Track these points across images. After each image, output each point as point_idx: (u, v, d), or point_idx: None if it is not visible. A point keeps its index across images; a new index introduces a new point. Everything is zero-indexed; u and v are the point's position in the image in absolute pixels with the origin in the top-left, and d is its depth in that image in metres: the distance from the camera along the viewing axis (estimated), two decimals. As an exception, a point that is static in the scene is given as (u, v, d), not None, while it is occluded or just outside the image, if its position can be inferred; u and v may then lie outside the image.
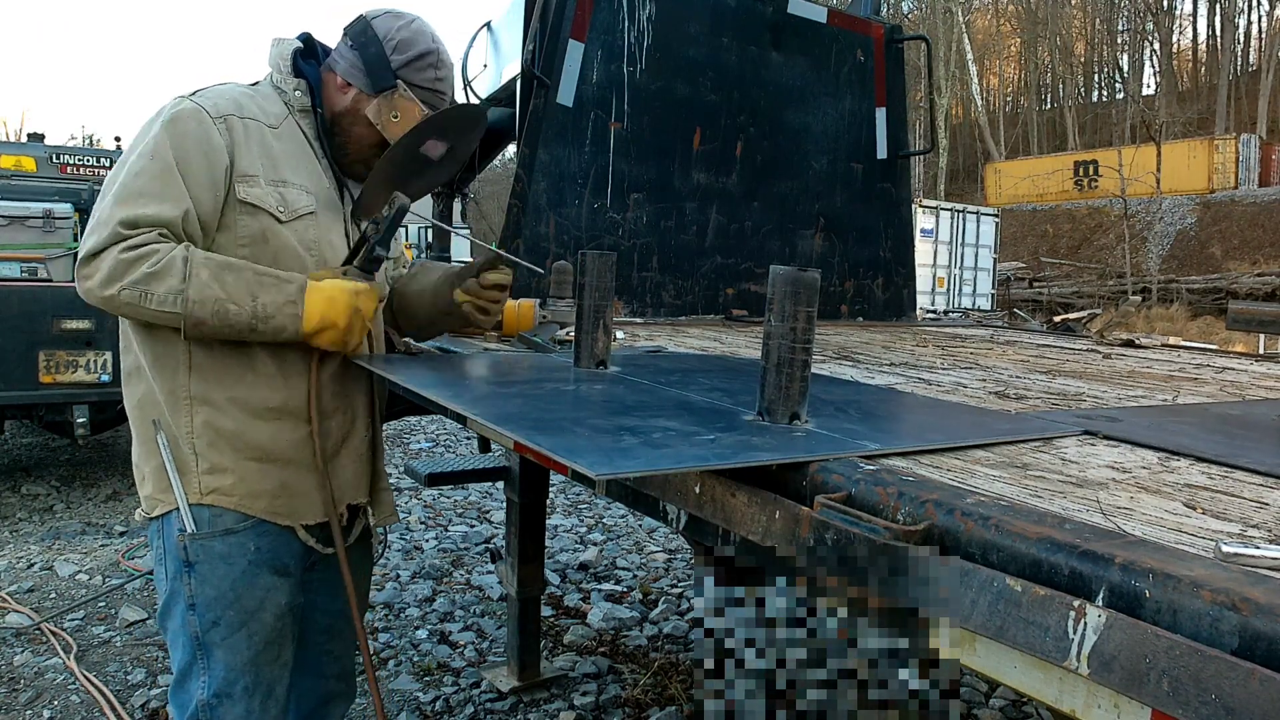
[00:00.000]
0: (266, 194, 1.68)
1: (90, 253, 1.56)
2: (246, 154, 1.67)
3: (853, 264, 4.36)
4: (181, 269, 1.55)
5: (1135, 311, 20.11)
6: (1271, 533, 0.94)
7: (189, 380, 1.67)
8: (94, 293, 1.56)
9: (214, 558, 1.68)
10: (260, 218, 1.68)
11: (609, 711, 3.20)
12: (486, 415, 1.39)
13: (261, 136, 1.71)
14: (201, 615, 1.68)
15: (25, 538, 4.95)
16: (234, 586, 1.69)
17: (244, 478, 1.70)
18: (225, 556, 1.69)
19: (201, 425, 1.67)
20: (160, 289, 1.54)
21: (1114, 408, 1.84)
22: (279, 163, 1.72)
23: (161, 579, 1.73)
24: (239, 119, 1.68)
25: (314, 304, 1.64)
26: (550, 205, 3.43)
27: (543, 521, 3.34)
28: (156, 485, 1.70)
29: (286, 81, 1.80)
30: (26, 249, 6.27)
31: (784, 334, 1.29)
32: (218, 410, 1.68)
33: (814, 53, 4.14)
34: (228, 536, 1.69)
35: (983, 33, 44.95)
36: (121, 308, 1.57)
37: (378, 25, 1.80)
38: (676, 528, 1.36)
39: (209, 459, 1.68)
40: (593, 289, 1.84)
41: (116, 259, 1.54)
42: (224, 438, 1.68)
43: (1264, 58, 36.25)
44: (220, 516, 1.68)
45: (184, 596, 1.68)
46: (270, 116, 1.75)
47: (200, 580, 1.67)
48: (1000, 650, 0.84)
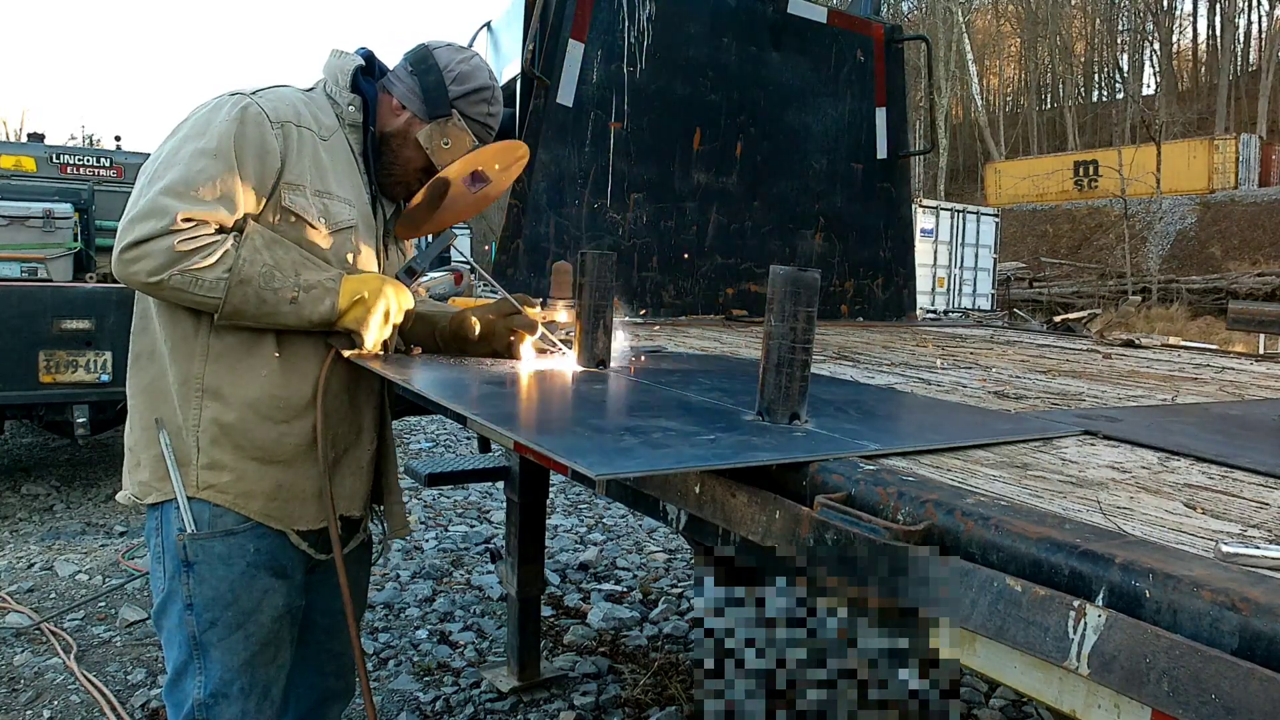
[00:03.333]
0: (310, 204, 1.70)
1: (142, 238, 1.55)
2: (298, 162, 1.69)
3: (853, 264, 4.36)
4: (234, 253, 1.58)
5: (1135, 311, 20.11)
6: (1271, 533, 0.94)
7: (204, 370, 1.68)
8: (138, 278, 1.57)
9: (213, 558, 1.68)
10: (301, 227, 1.70)
11: (609, 711, 3.20)
12: (486, 415, 1.39)
13: (314, 146, 1.73)
14: (199, 615, 1.68)
15: (25, 538, 4.95)
16: (232, 588, 1.69)
17: (241, 476, 1.69)
18: (224, 558, 1.69)
19: (208, 420, 1.68)
20: (210, 275, 1.57)
21: (1114, 408, 1.84)
22: (326, 174, 1.74)
23: (159, 575, 1.73)
24: (295, 126, 1.70)
25: (349, 284, 1.70)
26: (550, 205, 3.43)
27: (543, 521, 3.34)
28: (154, 473, 1.70)
29: (342, 95, 1.82)
30: (26, 249, 6.27)
31: (784, 334, 1.29)
32: (226, 405, 1.68)
33: (814, 53, 4.14)
34: (228, 538, 1.69)
35: (983, 33, 44.95)
36: (166, 292, 1.59)
37: (439, 55, 1.85)
38: (676, 528, 1.36)
39: (210, 454, 1.68)
40: (593, 289, 1.84)
41: (173, 250, 1.54)
42: (227, 434, 1.68)
43: (1264, 58, 36.25)
44: (221, 517, 1.68)
45: (182, 596, 1.68)
46: (323, 127, 1.77)
47: (199, 580, 1.68)
48: (1000, 650, 0.84)
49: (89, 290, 5.41)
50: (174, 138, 1.66)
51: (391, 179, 1.89)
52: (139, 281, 1.57)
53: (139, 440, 1.74)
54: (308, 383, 1.74)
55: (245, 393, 1.69)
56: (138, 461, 1.73)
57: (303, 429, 1.74)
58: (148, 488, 1.71)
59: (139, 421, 1.74)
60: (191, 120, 1.67)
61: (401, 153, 1.86)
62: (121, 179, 7.39)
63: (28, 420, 6.38)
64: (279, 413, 1.72)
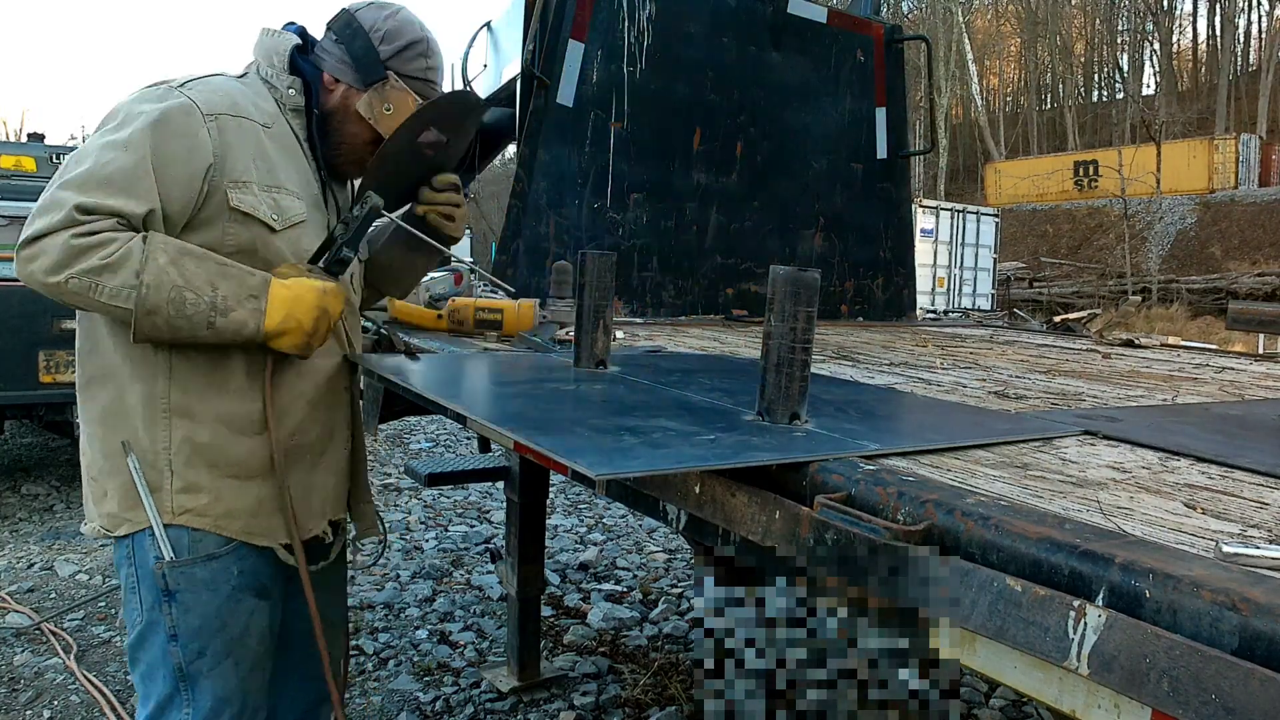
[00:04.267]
0: (260, 201, 1.59)
1: (37, 234, 1.43)
2: (240, 157, 1.57)
3: (853, 264, 4.36)
4: (139, 258, 1.44)
5: (1135, 311, 20.11)
6: (1271, 533, 0.94)
7: (169, 389, 1.57)
8: (35, 277, 1.44)
9: (197, 585, 1.59)
10: (251, 226, 1.58)
11: (609, 711, 3.20)
12: (486, 415, 1.39)
13: (256, 137, 1.61)
14: (185, 645, 1.59)
15: (25, 538, 4.95)
16: (219, 614, 1.61)
17: (220, 496, 1.60)
18: (209, 583, 1.60)
19: (180, 440, 1.57)
20: (113, 281, 1.43)
21: (1114, 408, 1.84)
22: (274, 167, 1.63)
23: (134, 607, 1.61)
24: (232, 118, 1.57)
25: (278, 301, 1.54)
26: (550, 205, 3.43)
27: (543, 521, 3.34)
28: (123, 503, 1.58)
29: (280, 78, 1.70)
30: (26, 249, 6.25)
31: (784, 334, 1.29)
32: (197, 424, 1.58)
33: (814, 53, 4.14)
34: (210, 562, 1.60)
35: (983, 33, 44.95)
36: (67, 296, 1.45)
37: (362, 17, 1.73)
38: (676, 528, 1.36)
39: (185, 477, 1.57)
40: (593, 289, 1.84)
41: (68, 244, 1.42)
42: (201, 454, 1.58)
43: (1264, 58, 36.25)
44: (201, 541, 1.59)
45: (164, 627, 1.58)
46: (264, 115, 1.65)
47: (183, 609, 1.58)
48: (1000, 650, 0.84)
49: (89, 290, 5.39)
50: (96, 137, 1.53)
51: (341, 158, 1.77)
52: (37, 281, 1.45)
53: (102, 469, 1.60)
54: (279, 390, 1.65)
55: (216, 408, 1.59)
56: (103, 492, 1.60)
57: (279, 439, 1.65)
58: (117, 519, 1.59)
59: (100, 449, 1.60)
60: (115, 112, 1.54)
61: (345, 129, 1.74)
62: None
63: (28, 420, 6.38)
64: (253, 425, 1.62)
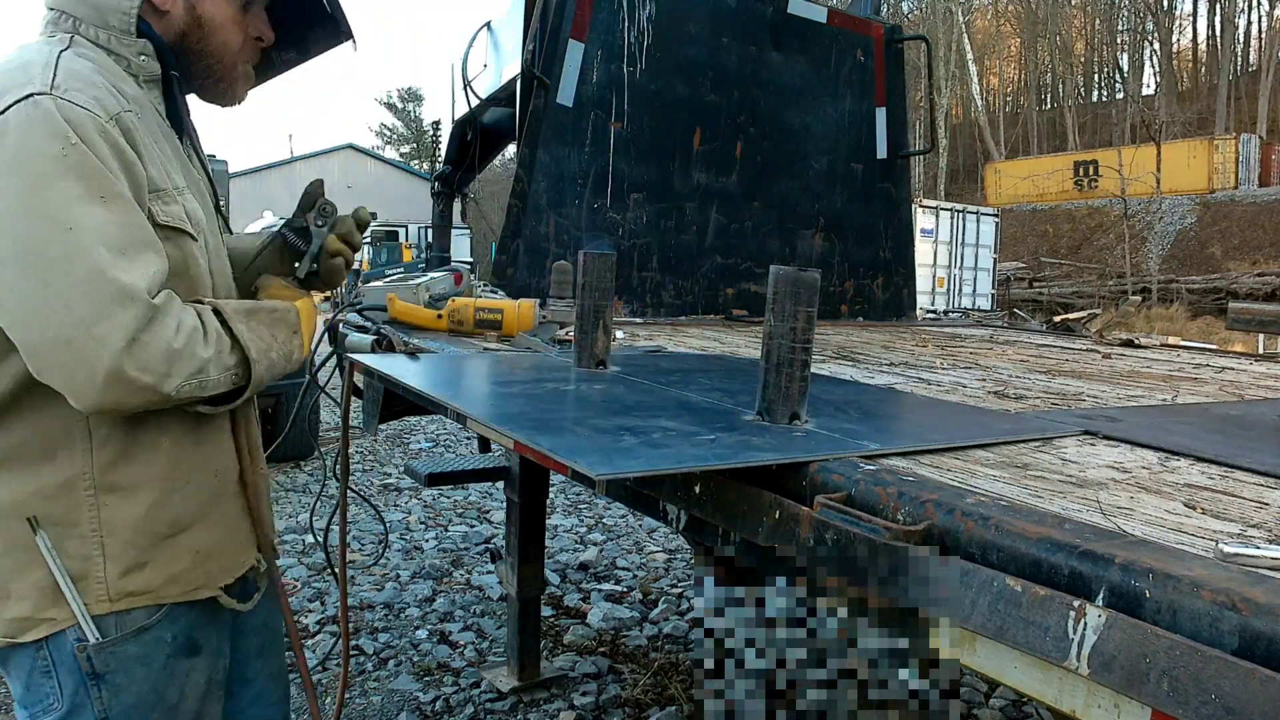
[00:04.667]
0: (179, 208, 1.34)
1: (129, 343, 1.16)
2: (150, 160, 1.31)
3: (853, 264, 4.36)
4: (216, 332, 1.30)
5: (1135, 311, 20.11)
6: (1271, 533, 0.94)
7: (91, 465, 1.32)
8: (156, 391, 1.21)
9: (129, 663, 1.38)
10: (181, 242, 1.34)
11: (609, 711, 3.20)
12: (486, 415, 1.40)
13: (145, 130, 1.33)
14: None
15: (25, 538, 4.95)
16: (154, 687, 1.42)
17: (160, 564, 1.39)
18: (141, 658, 1.39)
19: (109, 519, 1.34)
20: (214, 372, 1.29)
21: (1114, 408, 1.84)
22: (168, 162, 1.37)
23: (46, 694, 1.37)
24: (126, 114, 1.28)
25: (304, 330, 1.48)
26: (550, 205, 3.43)
27: (543, 521, 3.34)
28: (37, 603, 1.33)
29: (126, 44, 1.36)
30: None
31: (784, 334, 1.29)
32: (126, 495, 1.35)
33: (814, 53, 4.14)
34: (141, 635, 1.39)
35: (983, 33, 44.95)
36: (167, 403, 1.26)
37: None
38: (676, 528, 1.36)
39: (122, 560, 1.35)
40: (593, 289, 1.84)
41: (169, 348, 1.21)
42: (136, 527, 1.36)
43: (1264, 58, 36.26)
44: (129, 615, 1.38)
45: (92, 711, 1.37)
46: (131, 99, 1.33)
47: (113, 690, 1.38)
48: (1000, 650, 0.84)
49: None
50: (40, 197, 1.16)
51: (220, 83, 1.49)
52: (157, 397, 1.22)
53: (5, 569, 1.33)
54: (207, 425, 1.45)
55: (143, 468, 1.36)
56: (5, 594, 1.33)
57: (207, 477, 1.46)
58: (29, 623, 1.33)
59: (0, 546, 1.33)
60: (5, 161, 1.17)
61: (210, 45, 1.44)
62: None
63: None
64: (181, 474, 1.41)
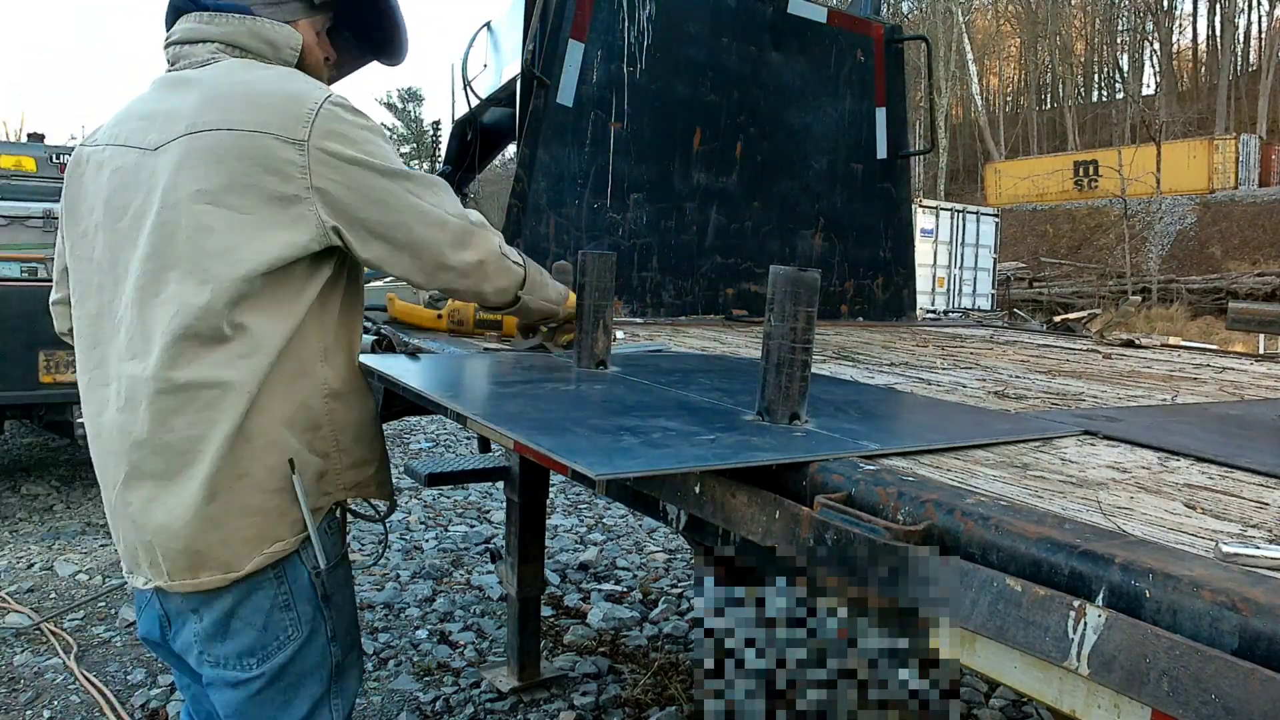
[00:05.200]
0: None
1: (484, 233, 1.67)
2: None
3: (853, 264, 4.36)
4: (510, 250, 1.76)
5: (1135, 311, 20.11)
6: (1271, 533, 0.94)
7: (326, 370, 1.55)
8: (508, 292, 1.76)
9: (341, 585, 1.64)
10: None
11: (609, 711, 3.20)
12: (486, 415, 1.39)
13: None
14: (341, 643, 1.63)
15: (25, 538, 4.95)
16: (353, 607, 1.70)
17: (380, 460, 1.70)
18: (344, 580, 1.66)
19: (342, 419, 1.59)
20: (512, 257, 1.73)
21: (1114, 408, 1.84)
22: None
23: (286, 626, 1.54)
24: None
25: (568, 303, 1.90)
26: (550, 205, 3.43)
27: (543, 521, 3.34)
28: (263, 530, 1.47)
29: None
30: (26, 249, 6.26)
31: (784, 334, 1.29)
32: (351, 402, 1.61)
33: (814, 53, 4.14)
34: (344, 563, 1.67)
35: (983, 33, 44.96)
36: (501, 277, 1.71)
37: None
38: (676, 528, 1.36)
39: (354, 453, 1.61)
40: (593, 289, 1.84)
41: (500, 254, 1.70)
42: (362, 425, 1.64)
43: (1264, 58, 36.26)
44: (335, 544, 1.62)
45: (324, 632, 1.59)
46: None
47: (337, 610, 1.62)
48: (1000, 650, 0.84)
49: (89, 290, 5.41)
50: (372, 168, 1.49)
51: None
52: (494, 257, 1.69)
53: (234, 501, 1.45)
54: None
55: (350, 373, 1.63)
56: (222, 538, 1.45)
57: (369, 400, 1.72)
58: (249, 551, 1.47)
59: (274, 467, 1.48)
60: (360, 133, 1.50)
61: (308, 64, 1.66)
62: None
63: (28, 420, 6.38)
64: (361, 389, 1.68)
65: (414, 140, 56.14)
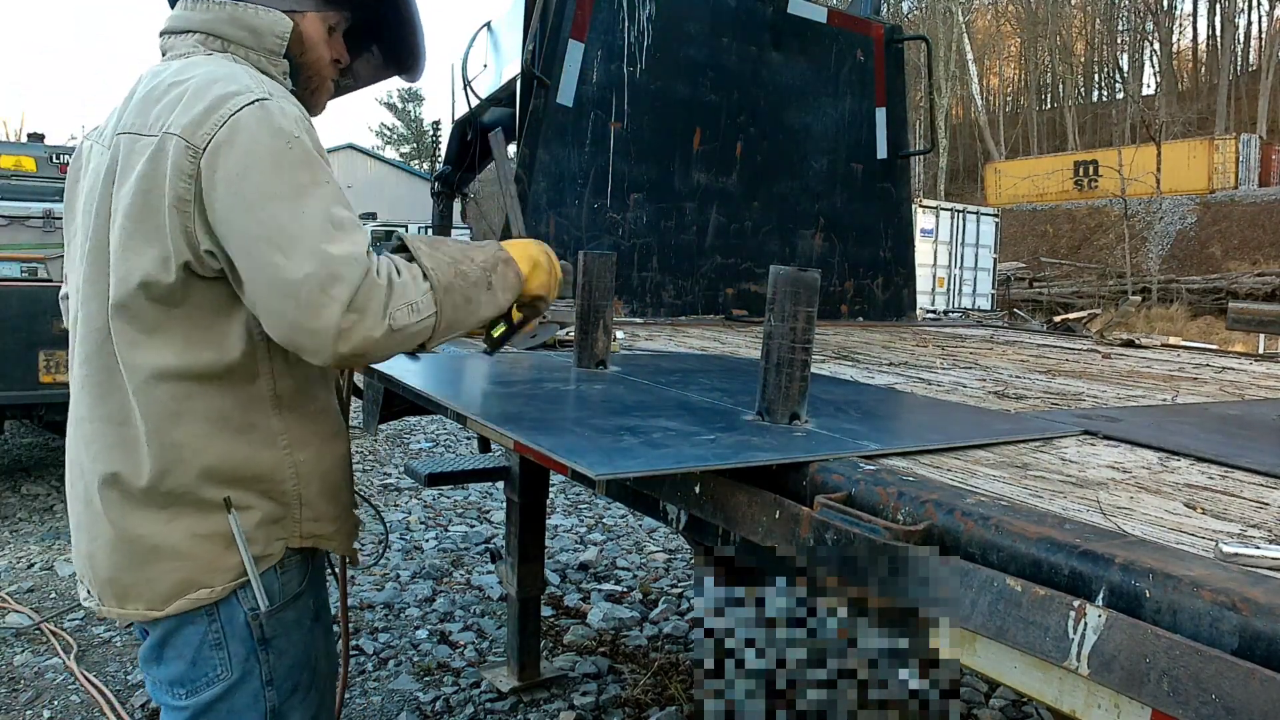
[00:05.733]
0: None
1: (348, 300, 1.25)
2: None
3: (853, 264, 4.36)
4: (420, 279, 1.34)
5: (1135, 311, 20.10)
6: (1271, 533, 0.94)
7: (281, 422, 1.46)
8: (373, 336, 1.27)
9: (288, 627, 1.53)
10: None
11: (609, 711, 3.20)
12: (486, 415, 1.40)
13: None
14: (279, 688, 1.53)
15: (25, 538, 4.95)
16: (305, 649, 1.58)
17: (343, 514, 1.58)
18: (296, 623, 1.55)
19: (306, 470, 1.49)
20: (415, 295, 1.32)
21: (1114, 408, 1.84)
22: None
23: (216, 665, 1.47)
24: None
25: (514, 249, 1.51)
26: (550, 205, 3.43)
27: (543, 521, 3.34)
28: (204, 564, 1.41)
29: (274, 63, 1.50)
30: (26, 249, 6.26)
31: (784, 334, 1.29)
32: (308, 449, 1.51)
33: (814, 53, 4.14)
34: (296, 602, 1.55)
35: (983, 33, 44.96)
36: (390, 339, 1.30)
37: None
38: (676, 528, 1.36)
39: (315, 506, 1.51)
40: (593, 289, 1.84)
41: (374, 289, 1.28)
42: (323, 478, 1.53)
43: (1264, 58, 36.26)
44: (288, 583, 1.53)
45: (258, 675, 1.50)
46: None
47: (278, 654, 1.52)
48: (1000, 650, 0.84)
49: (89, 290, 5.41)
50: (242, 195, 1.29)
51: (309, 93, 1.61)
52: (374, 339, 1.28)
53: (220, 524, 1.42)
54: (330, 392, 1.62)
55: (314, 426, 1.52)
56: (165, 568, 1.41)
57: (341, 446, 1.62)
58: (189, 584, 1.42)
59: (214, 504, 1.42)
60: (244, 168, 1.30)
61: (309, 59, 1.57)
62: (121, 179, 7.38)
63: (28, 420, 6.38)
64: (334, 438, 1.58)
65: (414, 140, 56.15)
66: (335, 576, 1.88)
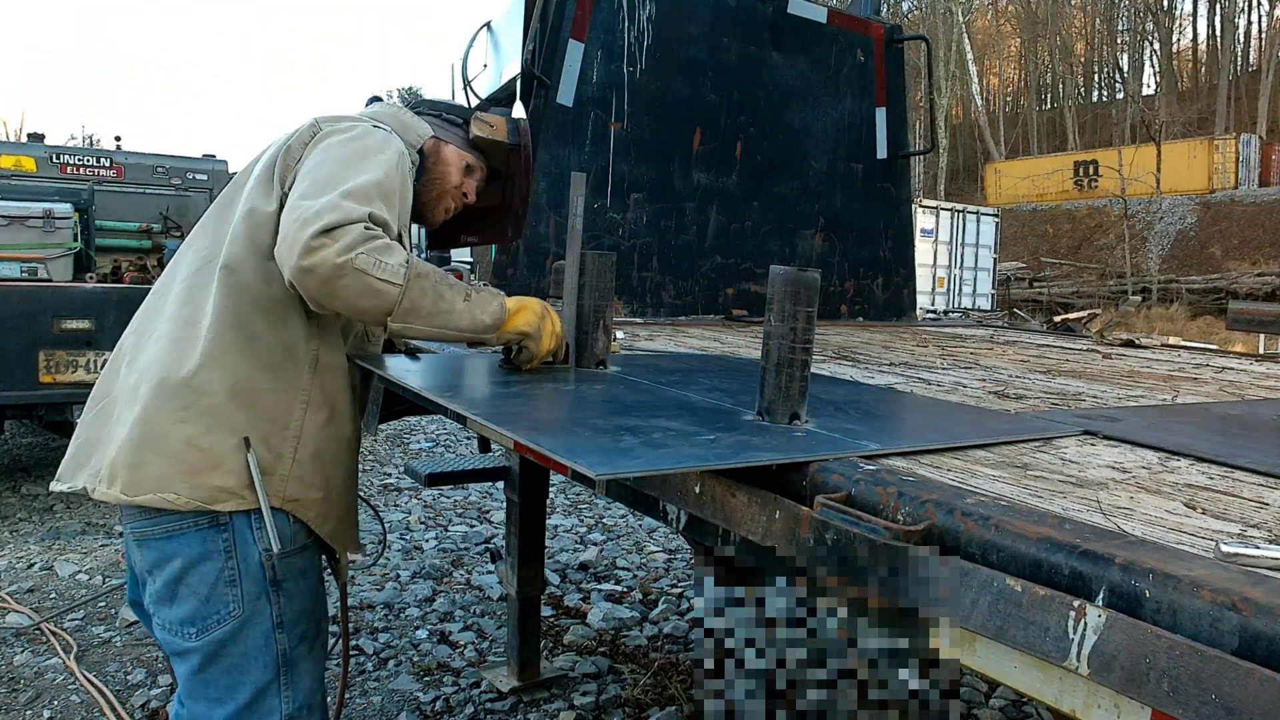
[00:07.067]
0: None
1: (331, 226, 1.46)
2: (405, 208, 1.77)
3: (853, 264, 4.36)
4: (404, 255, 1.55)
5: (1135, 311, 20.11)
6: (1271, 533, 0.94)
7: (311, 381, 1.68)
8: (329, 260, 1.46)
9: (296, 574, 1.66)
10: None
11: (609, 711, 3.20)
12: (486, 415, 1.39)
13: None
14: (289, 631, 1.65)
15: (25, 538, 4.94)
16: (312, 598, 1.71)
17: (328, 496, 1.71)
18: (303, 571, 1.69)
19: (309, 430, 1.67)
20: (392, 260, 1.51)
21: (1114, 408, 1.84)
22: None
23: (229, 600, 1.60)
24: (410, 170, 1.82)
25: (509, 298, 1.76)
26: (550, 205, 3.43)
27: (543, 521, 3.34)
28: (240, 479, 1.58)
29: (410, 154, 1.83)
30: (26, 249, 6.26)
31: (784, 334, 1.29)
32: (321, 415, 1.69)
33: (814, 53, 4.14)
34: (304, 552, 1.69)
35: (983, 33, 44.97)
36: (347, 274, 1.47)
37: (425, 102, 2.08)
38: (676, 528, 1.36)
39: (303, 467, 1.65)
40: (593, 289, 1.84)
41: (361, 233, 1.48)
42: (321, 450, 1.69)
43: (1264, 58, 36.26)
44: (297, 533, 1.67)
45: (269, 616, 1.62)
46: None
47: (288, 597, 1.64)
48: (1000, 650, 0.84)
49: (89, 290, 5.41)
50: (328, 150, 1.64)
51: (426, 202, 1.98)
52: (329, 263, 1.45)
53: (221, 442, 1.58)
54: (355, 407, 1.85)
55: (339, 408, 1.73)
56: (214, 463, 1.57)
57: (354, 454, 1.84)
58: (225, 494, 1.57)
59: (222, 422, 1.59)
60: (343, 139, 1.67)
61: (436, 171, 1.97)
62: (121, 179, 7.38)
63: (28, 420, 6.38)
64: (345, 445, 1.77)
65: (414, 140, 56.05)
66: (335, 577, 1.91)
